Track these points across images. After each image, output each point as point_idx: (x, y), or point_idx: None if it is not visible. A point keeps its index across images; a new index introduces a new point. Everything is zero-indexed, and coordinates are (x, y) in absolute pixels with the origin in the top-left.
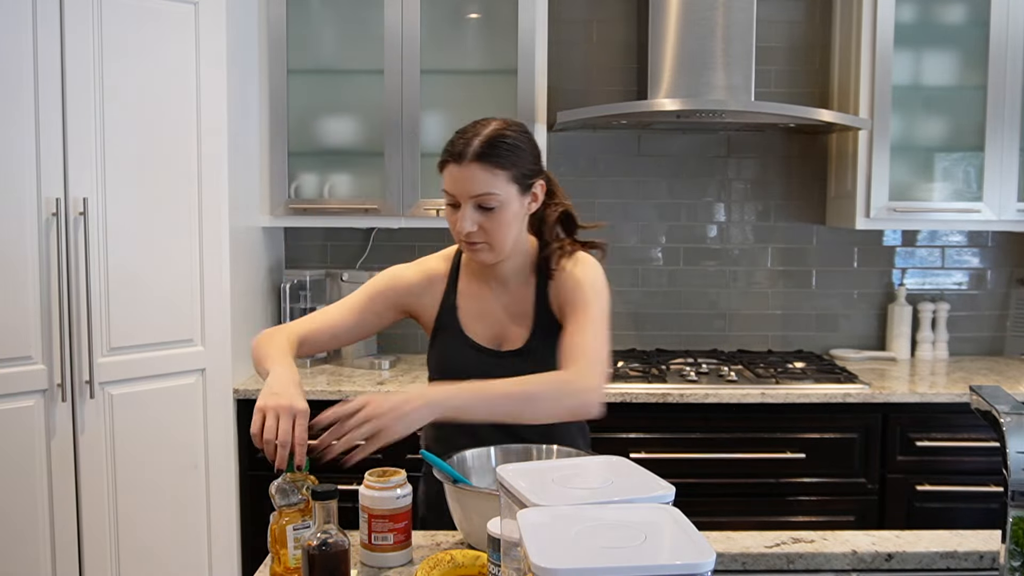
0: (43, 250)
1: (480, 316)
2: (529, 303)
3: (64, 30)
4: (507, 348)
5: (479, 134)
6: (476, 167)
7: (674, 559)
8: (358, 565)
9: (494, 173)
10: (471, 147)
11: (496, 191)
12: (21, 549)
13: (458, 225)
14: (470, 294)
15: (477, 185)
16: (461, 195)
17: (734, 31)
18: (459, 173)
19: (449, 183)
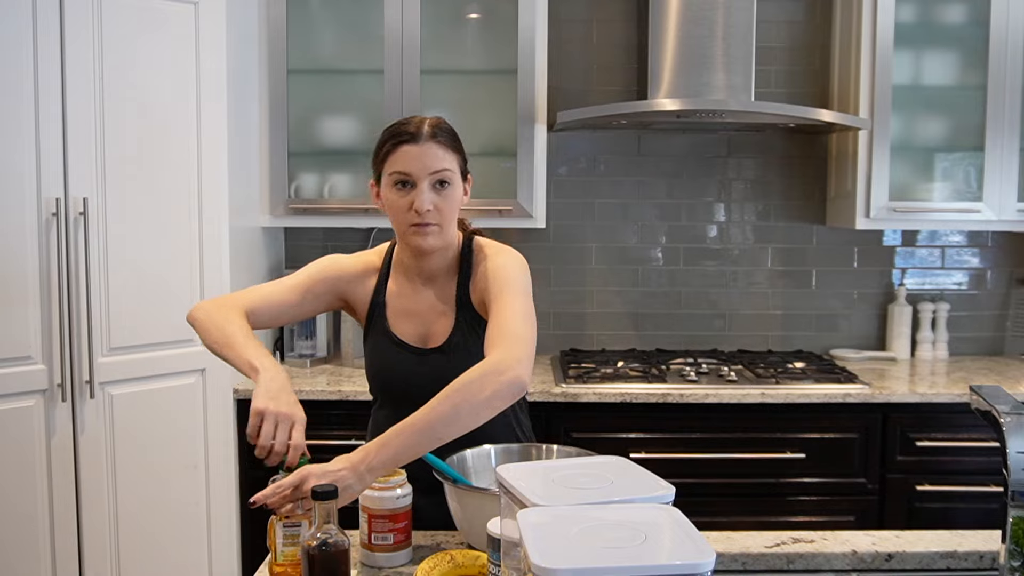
0: (43, 250)
1: (406, 314)
2: (451, 299)
3: (64, 30)
4: (431, 345)
5: (420, 121)
6: (433, 144)
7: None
8: (358, 565)
9: (447, 151)
10: (424, 128)
11: (450, 168)
12: (21, 549)
13: (416, 203)
14: (397, 292)
15: (436, 160)
16: (420, 173)
17: (734, 31)
18: (418, 151)
19: (405, 163)
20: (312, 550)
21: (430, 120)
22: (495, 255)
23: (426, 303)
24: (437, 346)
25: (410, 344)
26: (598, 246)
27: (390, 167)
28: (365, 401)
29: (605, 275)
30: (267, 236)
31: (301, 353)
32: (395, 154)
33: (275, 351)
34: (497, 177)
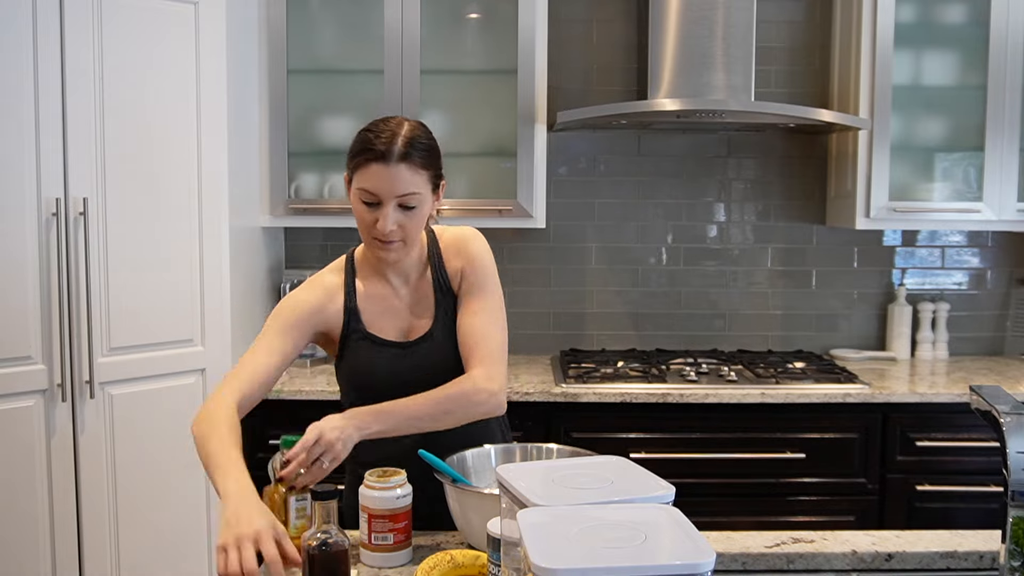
0: (43, 250)
1: (384, 314)
2: (429, 290)
3: (64, 30)
4: (413, 337)
5: (398, 134)
6: (403, 167)
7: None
8: (358, 565)
9: (417, 173)
10: (395, 147)
11: (419, 191)
12: (21, 549)
13: (380, 224)
14: (370, 295)
15: (403, 185)
16: (386, 195)
17: (734, 31)
18: (385, 172)
19: (372, 182)
20: (312, 550)
21: (405, 133)
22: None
23: (404, 299)
24: (421, 336)
25: (393, 340)
26: (598, 246)
27: (358, 181)
28: None
29: (605, 275)
30: (267, 236)
31: (301, 353)
32: (364, 170)
33: None
34: (497, 177)
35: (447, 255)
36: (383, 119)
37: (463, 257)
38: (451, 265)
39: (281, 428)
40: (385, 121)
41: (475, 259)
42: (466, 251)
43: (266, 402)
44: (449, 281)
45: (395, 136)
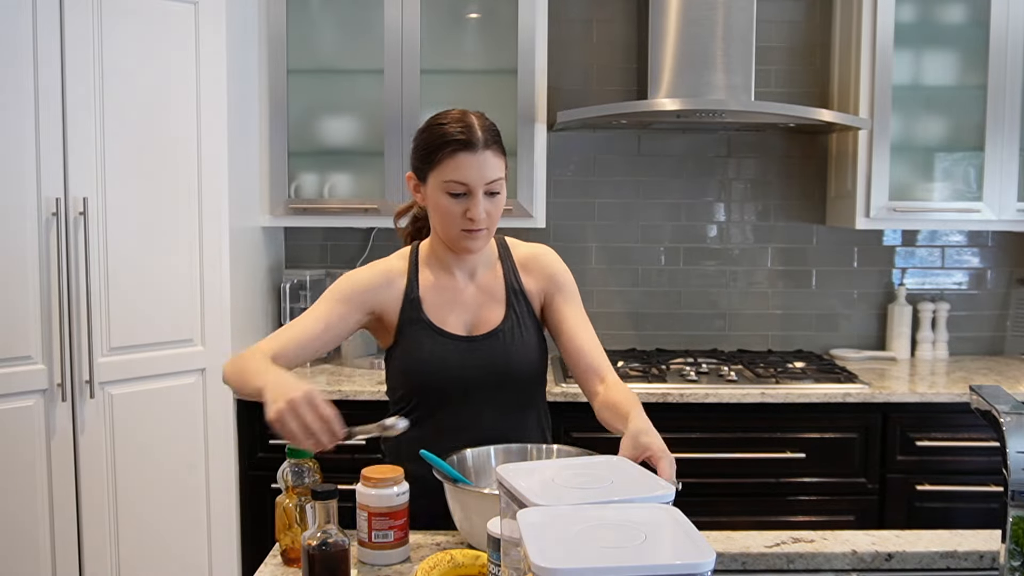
0: (43, 250)
1: (450, 306)
2: (499, 286)
3: (64, 30)
4: (481, 332)
5: (474, 123)
6: (490, 154)
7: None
8: (357, 564)
9: (500, 159)
10: (480, 135)
11: (502, 176)
12: (21, 549)
13: (472, 213)
14: (436, 286)
15: (492, 171)
16: (477, 182)
17: (734, 31)
18: (475, 160)
19: (462, 172)
20: (312, 550)
21: (479, 122)
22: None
23: (471, 293)
24: (489, 331)
25: (458, 334)
26: (598, 246)
27: (444, 174)
28: (365, 401)
29: (605, 275)
30: (267, 236)
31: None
32: (451, 161)
33: None
34: None
35: (522, 266)
36: (443, 113)
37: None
38: (529, 277)
39: None
40: (447, 114)
41: (564, 272)
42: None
43: None
44: (524, 290)
45: (474, 125)
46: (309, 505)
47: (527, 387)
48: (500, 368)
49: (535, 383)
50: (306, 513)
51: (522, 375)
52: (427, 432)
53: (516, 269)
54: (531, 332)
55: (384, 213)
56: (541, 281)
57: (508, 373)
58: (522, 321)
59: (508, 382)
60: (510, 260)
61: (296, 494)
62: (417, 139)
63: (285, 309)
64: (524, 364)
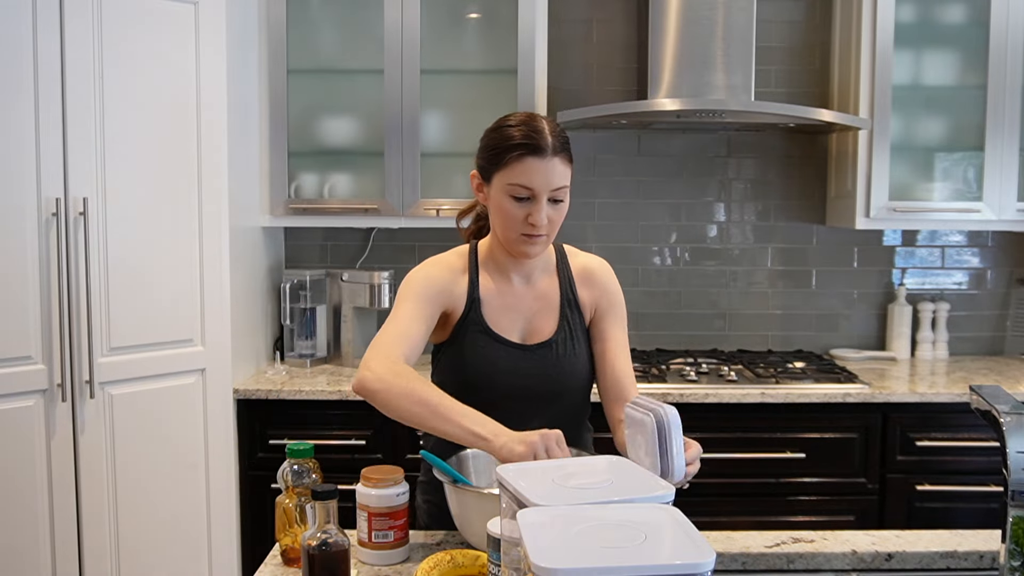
0: (43, 250)
1: (506, 311)
2: (555, 296)
3: (64, 30)
4: (534, 341)
5: (545, 129)
6: (558, 160)
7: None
8: (357, 564)
9: (568, 167)
10: (550, 140)
11: (567, 184)
12: (21, 549)
13: (534, 218)
14: (494, 290)
15: (559, 178)
16: (542, 188)
17: (734, 31)
18: (543, 166)
19: (528, 177)
20: (312, 550)
21: (550, 127)
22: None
23: (527, 300)
24: (543, 341)
25: (512, 340)
26: (598, 246)
27: (511, 176)
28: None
29: None
30: (267, 236)
31: (301, 353)
32: (519, 165)
33: (275, 351)
34: None
35: (579, 277)
36: (513, 115)
37: (605, 287)
38: (584, 289)
39: (281, 428)
40: (517, 116)
41: (618, 292)
42: (610, 282)
43: (266, 402)
44: (579, 301)
45: (544, 131)
46: (309, 505)
47: (575, 399)
48: (550, 379)
49: (583, 396)
50: (306, 513)
51: (571, 388)
52: None
53: (572, 279)
54: (582, 345)
55: (384, 213)
56: (595, 294)
57: (558, 385)
58: (575, 333)
59: (557, 393)
60: (567, 269)
61: (296, 494)
62: (485, 138)
63: (285, 309)
64: (574, 377)
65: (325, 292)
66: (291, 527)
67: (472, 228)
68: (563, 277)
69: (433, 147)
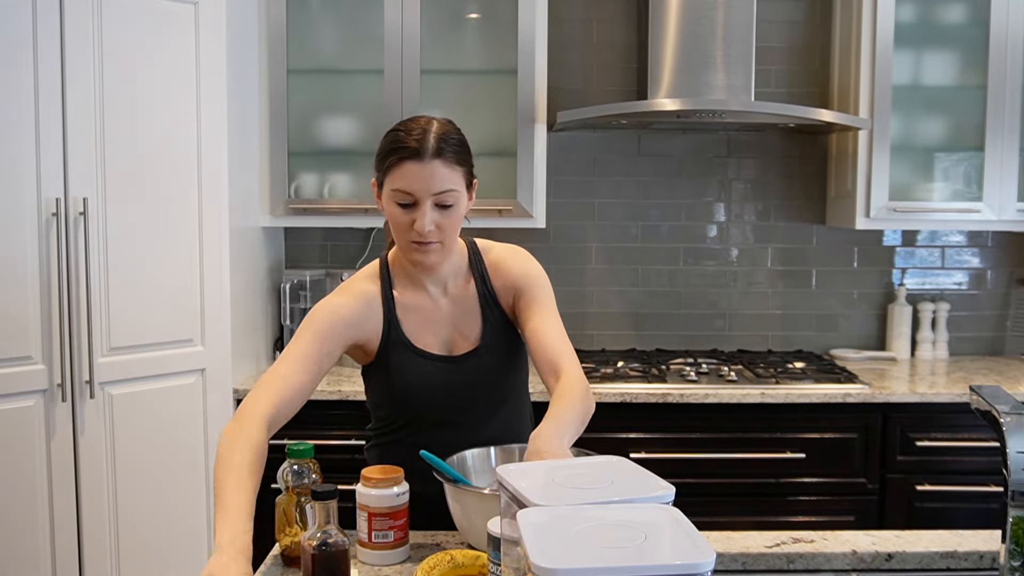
0: (43, 250)
1: (427, 324)
2: (474, 302)
3: (64, 30)
4: (460, 352)
5: (429, 131)
6: (438, 163)
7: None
8: (357, 564)
9: (453, 169)
10: (428, 143)
11: (455, 187)
12: (21, 549)
13: (417, 224)
14: (410, 306)
15: (440, 182)
16: (422, 193)
17: (734, 31)
18: (421, 171)
19: (407, 182)
20: (312, 550)
21: (436, 129)
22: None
23: (445, 310)
24: (470, 350)
25: (439, 354)
26: (598, 246)
27: (391, 182)
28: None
29: (605, 275)
30: (267, 236)
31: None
32: (397, 170)
33: (275, 351)
34: (497, 177)
35: (494, 270)
36: (410, 119)
37: (517, 272)
38: (499, 281)
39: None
40: (413, 120)
41: (533, 270)
42: (522, 266)
43: None
44: (496, 296)
45: (427, 133)
46: (309, 505)
47: (513, 395)
48: (489, 387)
49: (521, 388)
50: (306, 513)
51: (512, 389)
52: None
53: (487, 274)
54: (513, 340)
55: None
56: (508, 281)
57: (497, 392)
58: (499, 331)
59: (499, 400)
60: (481, 265)
61: (296, 494)
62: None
63: (285, 309)
64: (509, 377)
65: (325, 292)
66: (291, 527)
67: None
68: (477, 275)
69: None
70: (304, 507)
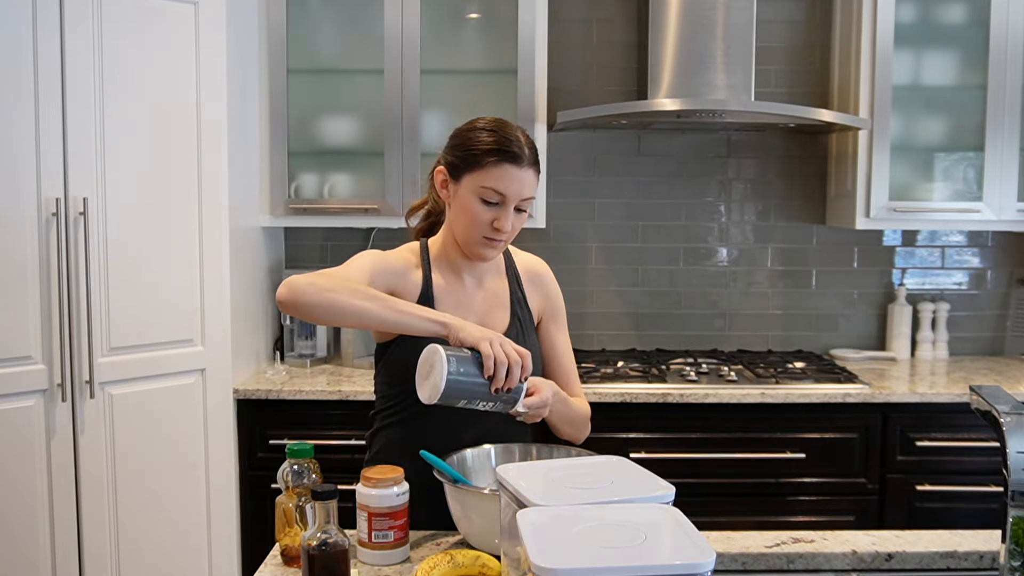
0: (43, 250)
1: (459, 309)
2: (505, 296)
3: (64, 30)
4: None
5: (520, 138)
6: (531, 172)
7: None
8: (356, 564)
9: (537, 179)
10: (526, 151)
11: (534, 196)
12: (21, 549)
13: (501, 223)
14: (446, 288)
15: (529, 188)
16: (513, 196)
17: (734, 31)
18: (518, 175)
19: (503, 183)
20: (312, 550)
21: (525, 138)
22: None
23: (479, 298)
24: None
25: None
26: (598, 246)
27: (484, 179)
28: (365, 401)
29: (605, 275)
30: (267, 236)
31: (301, 353)
32: (496, 169)
33: (275, 351)
34: None
35: (526, 277)
36: (495, 120)
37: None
38: (534, 292)
39: (281, 428)
40: (503, 124)
41: (559, 293)
42: (553, 285)
43: (266, 402)
44: (527, 300)
45: (521, 140)
46: (309, 505)
47: None
48: None
49: None
50: (306, 513)
51: None
52: (423, 432)
53: (520, 278)
54: (533, 341)
55: (384, 213)
56: (543, 300)
57: None
58: (525, 330)
59: None
60: (514, 268)
61: (296, 494)
62: (459, 138)
63: None
64: None
65: None
66: (291, 527)
67: (422, 226)
68: (511, 276)
69: (433, 147)
70: (304, 507)
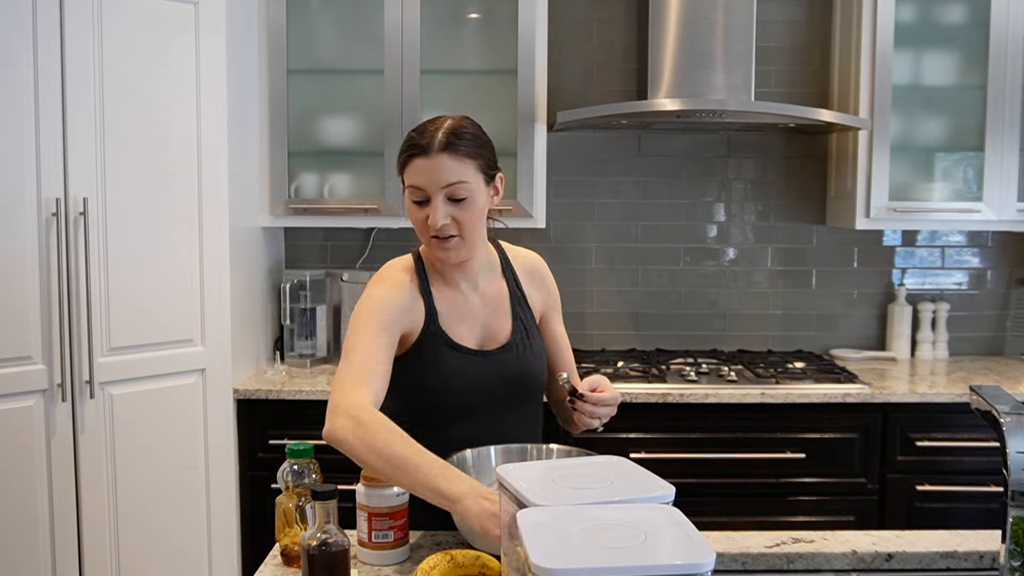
0: (43, 250)
1: (462, 319)
2: (506, 301)
3: (64, 30)
4: (491, 347)
5: (440, 128)
6: (445, 157)
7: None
8: (356, 564)
9: (462, 162)
10: (436, 139)
11: (466, 179)
12: (21, 549)
13: (430, 219)
14: (445, 299)
15: (447, 175)
16: (431, 187)
17: (734, 31)
18: (427, 165)
19: (417, 177)
20: (312, 550)
21: (448, 126)
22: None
23: (477, 306)
24: (501, 345)
25: (472, 348)
26: (598, 246)
27: (407, 179)
28: None
29: (605, 275)
30: (267, 236)
31: (301, 353)
32: (409, 167)
33: (275, 351)
34: None
35: (523, 274)
36: (431, 119)
37: (553, 287)
38: (534, 289)
39: (281, 428)
40: (431, 120)
41: (556, 288)
42: (550, 280)
43: (266, 402)
44: (528, 299)
45: (437, 130)
46: (309, 505)
47: (537, 394)
48: (515, 382)
49: (540, 390)
50: (306, 513)
51: (535, 385)
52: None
53: (518, 277)
54: (537, 340)
55: (384, 213)
56: (544, 295)
57: (523, 387)
58: (529, 331)
59: (522, 393)
60: (511, 267)
61: (296, 494)
62: None
63: (285, 309)
64: (537, 374)
65: (325, 292)
66: (291, 527)
67: None
68: (509, 276)
69: None
70: (304, 507)
